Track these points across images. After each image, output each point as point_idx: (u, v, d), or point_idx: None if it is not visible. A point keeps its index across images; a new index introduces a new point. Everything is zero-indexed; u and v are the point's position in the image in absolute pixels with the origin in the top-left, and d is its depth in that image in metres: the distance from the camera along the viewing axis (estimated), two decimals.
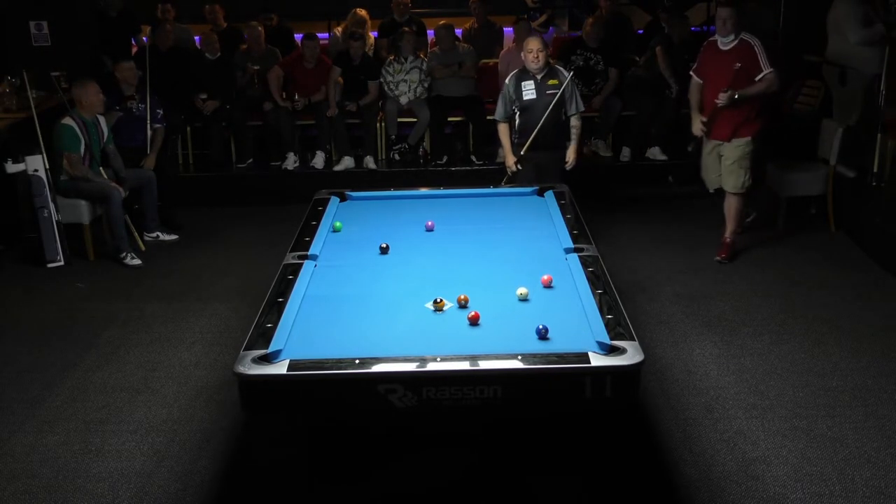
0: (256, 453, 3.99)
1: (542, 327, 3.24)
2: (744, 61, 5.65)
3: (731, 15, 5.64)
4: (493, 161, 8.10)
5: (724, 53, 5.76)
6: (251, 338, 3.23)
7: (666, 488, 3.65)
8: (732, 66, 5.67)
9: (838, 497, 3.55)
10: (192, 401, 4.44)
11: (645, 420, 4.14)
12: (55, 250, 6.35)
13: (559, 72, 6.07)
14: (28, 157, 6.22)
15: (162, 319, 5.44)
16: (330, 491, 3.62)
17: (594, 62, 8.04)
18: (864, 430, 4.01)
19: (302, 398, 3.07)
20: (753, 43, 5.66)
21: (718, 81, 5.74)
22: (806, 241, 6.64)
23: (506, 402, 3.02)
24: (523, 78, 5.98)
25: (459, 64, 8.11)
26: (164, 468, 3.85)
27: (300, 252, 4.17)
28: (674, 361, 4.72)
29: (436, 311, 3.52)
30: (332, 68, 7.99)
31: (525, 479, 3.62)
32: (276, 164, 8.19)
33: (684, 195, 7.68)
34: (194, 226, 7.25)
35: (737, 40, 5.70)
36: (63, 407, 4.41)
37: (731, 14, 5.64)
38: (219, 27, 8.69)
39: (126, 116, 6.98)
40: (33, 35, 8.01)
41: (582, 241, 4.27)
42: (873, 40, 6.82)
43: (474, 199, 5.19)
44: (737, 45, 5.70)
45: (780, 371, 4.59)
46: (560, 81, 5.95)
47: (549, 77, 5.96)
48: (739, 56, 5.67)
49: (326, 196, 5.12)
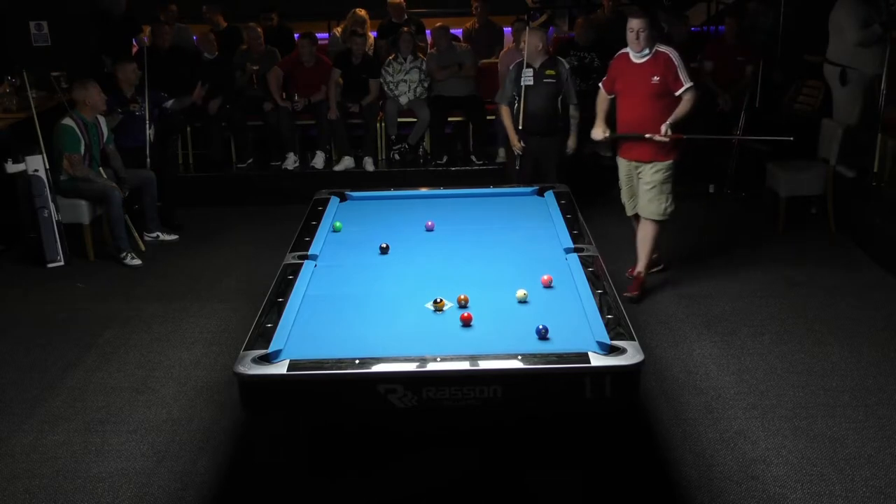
0: (256, 453, 3.99)
1: (542, 327, 3.24)
2: (662, 75, 5.17)
3: (644, 27, 5.13)
4: (493, 161, 8.11)
5: (638, 66, 5.26)
6: (251, 338, 3.23)
7: (666, 488, 3.65)
8: (650, 79, 5.20)
9: (838, 497, 3.55)
10: (192, 401, 4.44)
11: (645, 420, 4.14)
12: (55, 250, 6.35)
13: (559, 63, 6.46)
14: (28, 157, 6.22)
15: (162, 319, 5.44)
16: (330, 491, 3.61)
17: (589, 60, 8.09)
18: (864, 430, 4.01)
19: (302, 398, 3.07)
20: (671, 55, 5.19)
21: (634, 96, 5.29)
22: (806, 241, 6.64)
23: (506, 402, 3.02)
24: (524, 66, 6.36)
25: (459, 65, 8.11)
26: (164, 468, 3.85)
27: (300, 252, 4.17)
28: (674, 361, 4.72)
29: (436, 312, 3.52)
30: (332, 70, 8.00)
31: (525, 479, 3.62)
32: (276, 164, 8.19)
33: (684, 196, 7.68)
34: (194, 226, 7.25)
35: (652, 53, 5.20)
36: (63, 407, 4.41)
37: (644, 25, 5.13)
38: (218, 27, 8.69)
39: (126, 117, 6.98)
40: (33, 35, 8.01)
41: (582, 241, 4.27)
42: (871, 41, 6.82)
43: (474, 199, 5.18)
44: (652, 58, 5.21)
45: (780, 371, 4.59)
46: (558, 72, 6.36)
47: (548, 67, 6.36)
48: (656, 69, 5.20)
49: (326, 196, 5.12)
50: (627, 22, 5.23)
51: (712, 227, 6.98)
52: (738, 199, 7.67)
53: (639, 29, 5.13)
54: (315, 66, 8.03)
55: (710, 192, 7.83)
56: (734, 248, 6.50)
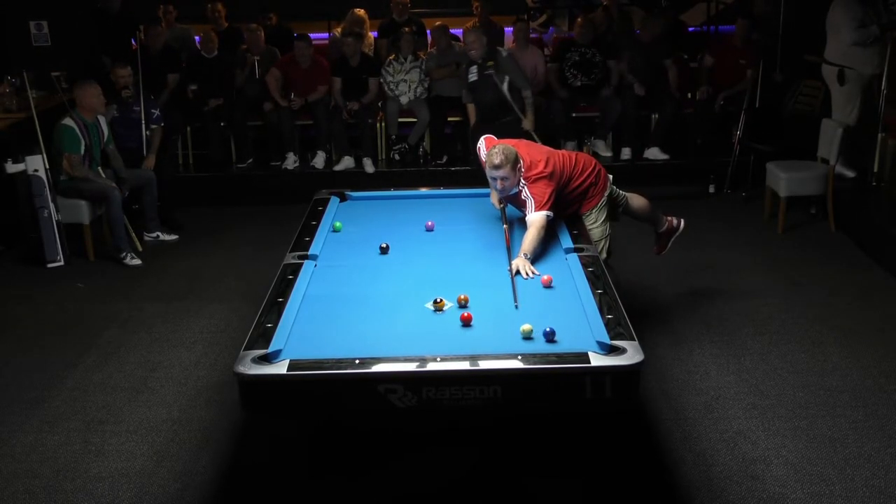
0: (256, 453, 3.99)
1: (549, 330, 3.22)
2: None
3: (508, 175, 4.23)
4: None
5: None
6: (251, 338, 3.23)
7: (666, 488, 3.65)
8: (519, 196, 4.32)
9: (838, 497, 3.55)
10: (192, 401, 4.44)
11: (645, 420, 4.14)
12: (55, 250, 6.35)
13: (497, 53, 6.91)
14: (28, 157, 6.22)
15: (162, 319, 5.44)
16: (330, 491, 3.62)
17: (590, 55, 8.13)
18: (864, 430, 4.01)
19: (302, 398, 3.07)
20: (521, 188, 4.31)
21: None
22: (806, 241, 6.64)
23: (506, 402, 3.01)
24: (471, 65, 6.94)
25: (457, 64, 8.11)
26: (164, 468, 3.85)
27: (300, 252, 4.17)
28: (674, 361, 4.72)
29: (436, 312, 3.52)
30: (328, 71, 8.02)
31: (525, 479, 3.62)
32: (276, 164, 8.20)
33: (684, 196, 7.70)
34: (194, 226, 7.25)
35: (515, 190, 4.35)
36: (63, 407, 4.41)
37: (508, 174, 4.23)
38: (220, 27, 8.69)
39: (122, 118, 6.97)
40: (33, 35, 8.00)
41: (582, 241, 4.27)
42: (866, 42, 6.83)
43: (474, 199, 5.18)
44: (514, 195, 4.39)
45: (780, 371, 4.60)
46: (496, 61, 6.78)
47: (488, 59, 6.80)
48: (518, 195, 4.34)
49: (326, 196, 5.12)
50: (488, 172, 4.32)
51: (712, 227, 6.97)
52: (738, 199, 7.67)
53: (502, 177, 4.24)
54: (311, 67, 8.03)
55: (710, 192, 7.84)
56: (734, 248, 6.51)
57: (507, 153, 4.20)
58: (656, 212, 5.12)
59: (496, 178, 4.23)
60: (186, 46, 8.71)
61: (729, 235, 6.83)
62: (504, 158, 4.18)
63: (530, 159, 4.33)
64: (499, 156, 4.18)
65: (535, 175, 4.28)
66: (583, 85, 8.16)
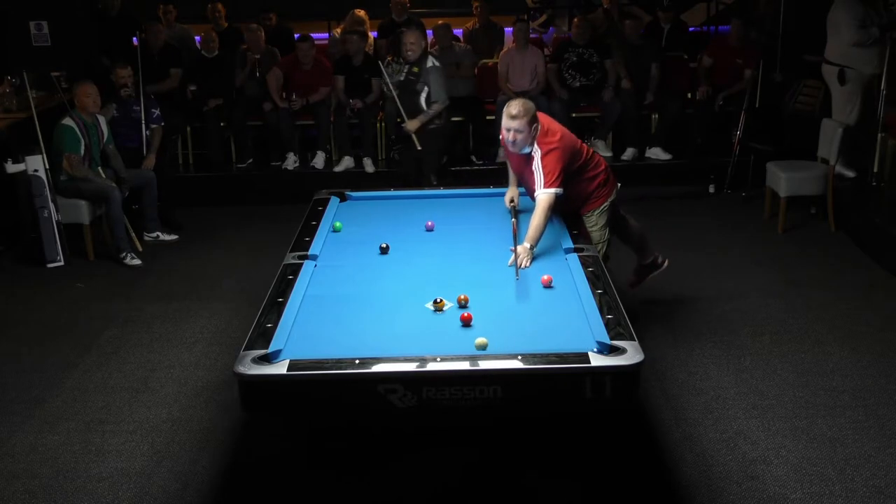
0: (256, 453, 3.99)
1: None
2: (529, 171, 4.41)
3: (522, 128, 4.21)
4: (493, 161, 8.11)
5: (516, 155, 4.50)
6: (251, 338, 3.23)
7: (666, 488, 3.65)
8: (530, 166, 4.35)
9: (838, 497, 3.54)
10: (192, 401, 4.44)
11: (645, 420, 4.14)
12: (55, 250, 6.35)
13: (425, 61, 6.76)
14: (28, 157, 6.22)
15: (162, 319, 5.44)
16: (330, 491, 3.62)
17: (588, 55, 8.15)
18: (864, 430, 4.01)
19: (302, 398, 3.07)
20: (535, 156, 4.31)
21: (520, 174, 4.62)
22: (806, 241, 6.64)
23: (506, 402, 3.01)
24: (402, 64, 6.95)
25: (456, 64, 8.10)
26: (164, 468, 3.85)
27: (300, 252, 4.17)
28: (674, 361, 4.72)
29: (436, 312, 3.52)
30: (330, 71, 8.00)
31: (525, 479, 3.62)
32: (276, 164, 8.20)
33: (684, 196, 7.70)
34: (194, 226, 7.25)
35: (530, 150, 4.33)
36: (63, 407, 4.41)
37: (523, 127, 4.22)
38: (220, 27, 8.69)
39: (122, 117, 6.98)
40: (33, 35, 8.01)
41: (582, 241, 4.27)
42: (866, 42, 6.83)
43: (474, 199, 5.18)
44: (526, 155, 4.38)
45: (780, 371, 4.59)
46: (420, 69, 6.71)
47: (416, 65, 6.74)
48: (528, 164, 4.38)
49: (326, 196, 5.12)
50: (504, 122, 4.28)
51: (712, 227, 6.97)
52: (738, 199, 7.67)
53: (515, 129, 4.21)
54: (313, 68, 8.02)
55: (710, 192, 7.84)
56: (734, 248, 6.51)
57: (527, 106, 4.22)
58: (648, 243, 5.16)
59: (510, 128, 4.21)
60: (186, 46, 8.71)
61: (729, 235, 6.83)
62: (522, 110, 4.18)
63: (548, 126, 4.37)
64: (517, 107, 4.19)
65: (549, 145, 4.27)
66: (581, 85, 8.17)
